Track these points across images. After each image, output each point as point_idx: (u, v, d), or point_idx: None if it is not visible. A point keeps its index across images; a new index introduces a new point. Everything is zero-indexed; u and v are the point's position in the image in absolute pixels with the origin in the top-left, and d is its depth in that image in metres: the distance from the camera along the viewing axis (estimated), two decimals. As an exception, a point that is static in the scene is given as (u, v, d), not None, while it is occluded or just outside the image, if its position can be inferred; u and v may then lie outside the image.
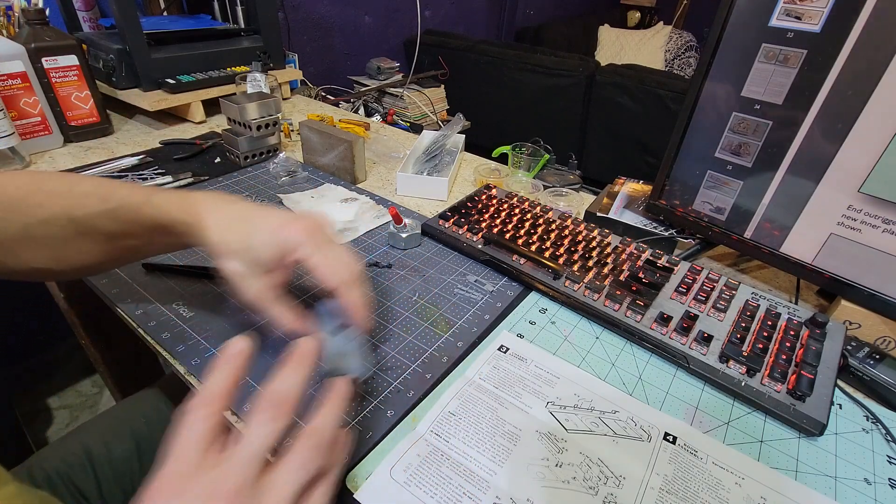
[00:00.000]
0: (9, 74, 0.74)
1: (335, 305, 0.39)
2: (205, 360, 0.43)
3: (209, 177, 0.76)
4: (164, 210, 0.41)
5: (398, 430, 0.38)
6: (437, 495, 0.34)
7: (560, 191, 0.74)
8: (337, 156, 0.78)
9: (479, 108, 2.15)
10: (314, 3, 1.78)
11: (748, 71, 0.49)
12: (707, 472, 0.37)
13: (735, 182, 0.54)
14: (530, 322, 0.51)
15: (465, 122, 1.83)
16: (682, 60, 3.09)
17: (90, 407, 1.32)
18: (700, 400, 0.43)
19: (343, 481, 0.34)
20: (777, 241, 0.53)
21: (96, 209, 0.40)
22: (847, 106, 0.44)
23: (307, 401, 0.35)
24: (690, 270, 0.55)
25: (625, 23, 3.66)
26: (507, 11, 2.74)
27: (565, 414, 0.41)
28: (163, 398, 0.64)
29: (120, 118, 0.98)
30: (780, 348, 0.45)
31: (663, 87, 1.70)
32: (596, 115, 1.94)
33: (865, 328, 0.50)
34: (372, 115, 1.77)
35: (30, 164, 0.76)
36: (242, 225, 0.39)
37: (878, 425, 0.42)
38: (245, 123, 0.78)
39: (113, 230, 0.41)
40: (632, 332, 0.48)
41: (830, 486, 0.37)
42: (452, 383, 0.43)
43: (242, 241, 0.39)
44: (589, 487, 0.35)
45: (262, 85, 0.91)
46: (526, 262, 0.56)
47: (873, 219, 0.46)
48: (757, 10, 0.47)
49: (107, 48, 0.90)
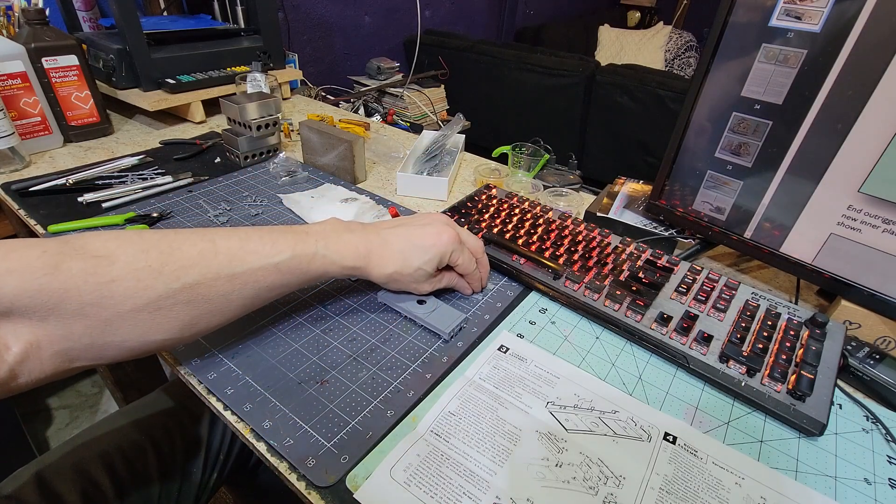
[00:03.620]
0: (9, 74, 0.74)
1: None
2: (205, 360, 0.43)
3: (209, 177, 0.76)
4: (336, 262, 0.41)
5: (398, 430, 0.38)
6: (437, 495, 0.34)
7: (560, 191, 0.74)
8: (337, 156, 0.78)
9: (479, 108, 2.15)
10: (314, 3, 1.78)
11: (748, 71, 0.49)
12: (707, 472, 0.37)
13: (735, 182, 0.54)
14: (530, 322, 0.51)
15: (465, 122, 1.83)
16: (682, 60, 3.09)
17: (90, 407, 1.32)
18: (700, 400, 0.43)
19: (343, 481, 0.34)
20: (777, 241, 0.53)
21: (268, 282, 0.38)
22: (847, 106, 0.44)
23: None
24: (690, 270, 0.55)
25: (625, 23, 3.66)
26: (507, 11, 2.74)
27: (565, 414, 0.41)
28: (170, 401, 0.64)
29: (120, 118, 0.98)
30: (780, 348, 0.45)
31: (663, 87, 1.70)
32: (596, 115, 1.94)
33: (865, 328, 0.50)
34: (372, 115, 1.77)
35: (30, 163, 0.76)
36: (400, 256, 0.44)
37: (878, 425, 0.42)
38: (245, 123, 0.78)
39: (269, 296, 0.40)
40: (632, 332, 0.48)
41: (830, 486, 0.37)
42: (452, 383, 0.43)
43: (406, 268, 0.44)
44: (589, 487, 0.35)
45: (262, 85, 0.91)
46: (526, 262, 0.56)
47: (873, 219, 0.46)
48: (757, 10, 0.47)
49: (107, 48, 0.90)
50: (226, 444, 0.65)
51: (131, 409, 0.62)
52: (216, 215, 0.66)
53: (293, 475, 0.35)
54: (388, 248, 0.43)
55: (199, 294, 0.35)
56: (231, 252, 0.37)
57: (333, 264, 0.41)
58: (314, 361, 0.44)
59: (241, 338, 0.46)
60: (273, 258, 0.38)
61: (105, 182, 0.71)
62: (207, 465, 0.62)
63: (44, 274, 0.29)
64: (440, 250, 0.45)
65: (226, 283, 0.36)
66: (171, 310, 0.34)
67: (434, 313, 0.48)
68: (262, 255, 0.38)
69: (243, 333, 0.46)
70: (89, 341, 0.32)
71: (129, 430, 0.58)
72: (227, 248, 0.36)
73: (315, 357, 0.44)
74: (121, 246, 0.33)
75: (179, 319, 0.34)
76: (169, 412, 0.62)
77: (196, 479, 0.61)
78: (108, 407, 1.32)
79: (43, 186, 0.68)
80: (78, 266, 0.30)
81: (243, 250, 0.37)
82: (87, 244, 0.32)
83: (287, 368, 0.43)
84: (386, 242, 0.44)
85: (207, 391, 0.41)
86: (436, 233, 0.45)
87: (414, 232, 0.45)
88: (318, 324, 0.48)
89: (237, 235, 0.38)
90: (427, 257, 0.44)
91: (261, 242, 0.38)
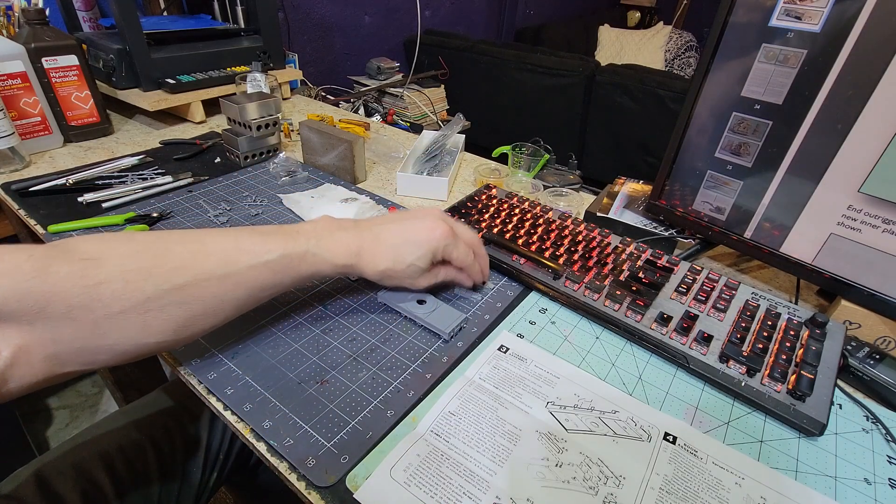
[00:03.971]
0: (9, 74, 0.74)
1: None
2: (205, 360, 0.43)
3: (209, 177, 0.76)
4: (328, 260, 0.41)
5: (398, 430, 0.38)
6: (437, 495, 0.34)
7: (560, 191, 0.74)
8: (337, 156, 0.78)
9: (479, 108, 2.15)
10: (314, 3, 1.78)
11: (748, 71, 0.49)
12: (707, 472, 0.37)
13: (735, 182, 0.54)
14: (530, 322, 0.51)
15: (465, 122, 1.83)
16: (682, 60, 3.09)
17: (90, 407, 1.32)
18: (700, 400, 0.43)
19: (343, 481, 0.34)
20: (777, 241, 0.53)
21: (260, 282, 0.38)
22: (847, 106, 0.44)
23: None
24: (690, 270, 0.55)
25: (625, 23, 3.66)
26: (507, 11, 2.74)
27: (565, 414, 0.41)
28: (171, 401, 0.64)
29: (120, 118, 0.98)
30: (780, 348, 0.45)
31: (663, 87, 1.70)
32: (596, 115, 1.94)
33: (865, 328, 0.50)
34: (372, 115, 1.77)
35: (30, 163, 0.76)
36: (393, 252, 0.43)
37: (878, 425, 0.42)
38: (245, 123, 0.78)
39: (262, 295, 0.39)
40: (632, 332, 0.48)
41: (830, 486, 0.37)
42: (452, 383, 0.43)
43: (398, 264, 0.43)
44: (589, 487, 0.35)
45: (262, 85, 0.91)
46: (526, 261, 0.56)
47: (873, 219, 0.46)
48: (757, 10, 0.47)
49: (107, 48, 0.90)
50: (226, 444, 0.65)
51: (131, 409, 0.62)
52: (216, 215, 0.66)
53: (293, 475, 0.35)
54: (380, 244, 0.43)
55: (190, 295, 0.35)
56: (222, 253, 0.36)
57: (325, 262, 0.41)
58: (314, 361, 0.44)
59: (241, 338, 0.46)
60: (263, 257, 0.38)
61: (105, 182, 0.71)
62: (207, 464, 0.63)
63: (32, 277, 0.29)
64: (433, 245, 0.44)
65: (217, 283, 0.36)
66: (163, 311, 0.33)
67: (434, 313, 0.48)
68: (252, 255, 0.37)
69: (243, 333, 0.46)
70: (80, 345, 0.32)
71: (130, 430, 0.58)
72: (218, 249, 0.36)
73: (315, 357, 0.44)
74: (109, 249, 0.33)
75: (172, 321, 0.34)
76: (169, 412, 0.62)
77: (196, 479, 0.61)
78: (107, 407, 1.32)
79: (43, 186, 0.68)
80: (65, 269, 0.30)
81: (234, 251, 0.37)
82: (75, 247, 0.32)
83: (287, 368, 0.43)
84: (378, 239, 0.43)
85: (207, 391, 0.41)
86: (428, 227, 0.44)
87: (406, 227, 0.44)
88: (318, 324, 0.48)
89: (228, 236, 0.38)
90: (420, 252, 0.44)
91: (251, 242, 0.38)
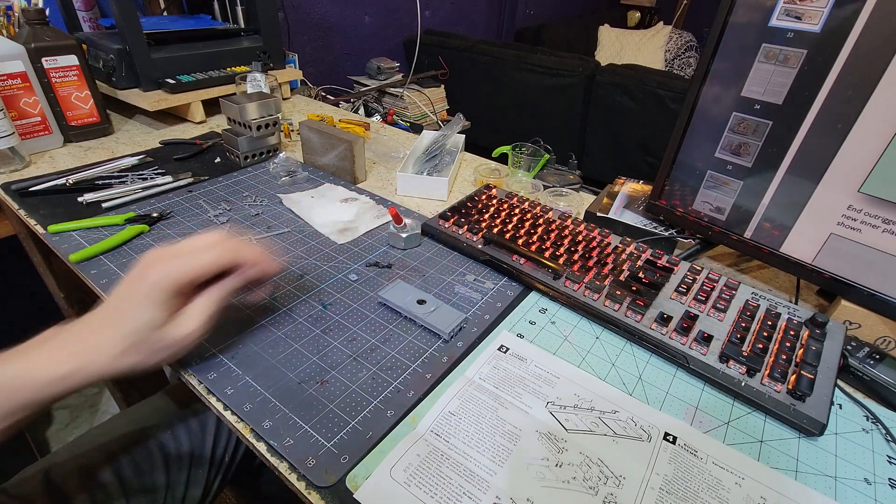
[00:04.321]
0: (9, 74, 0.74)
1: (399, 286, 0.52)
2: (205, 360, 0.43)
3: (209, 177, 0.76)
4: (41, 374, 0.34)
5: (398, 430, 0.38)
6: (437, 495, 0.34)
7: (560, 191, 0.74)
8: (337, 156, 0.78)
9: (479, 108, 2.15)
10: (314, 3, 1.78)
11: (748, 71, 0.49)
12: (707, 472, 0.37)
13: (735, 182, 0.54)
14: (530, 322, 0.51)
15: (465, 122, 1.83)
16: (682, 60, 3.09)
17: (90, 407, 1.32)
18: (700, 400, 0.43)
19: (343, 481, 0.34)
20: (777, 241, 0.53)
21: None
22: (847, 106, 0.44)
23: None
24: (690, 270, 0.55)
25: (625, 23, 3.66)
26: (507, 11, 2.74)
27: (565, 414, 0.41)
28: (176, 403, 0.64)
29: (120, 118, 0.98)
30: (780, 348, 0.45)
31: (663, 87, 1.70)
32: (596, 115, 1.94)
33: (865, 328, 0.50)
34: (372, 115, 1.77)
35: (30, 163, 0.76)
36: (115, 315, 0.37)
37: (878, 425, 0.42)
38: (245, 123, 0.78)
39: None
40: (632, 332, 0.48)
41: (830, 486, 0.37)
42: (452, 383, 0.43)
43: (124, 330, 0.36)
44: (589, 487, 0.35)
45: (262, 85, 0.91)
46: (526, 262, 0.56)
47: (873, 219, 0.46)
48: (757, 10, 0.47)
49: (107, 48, 0.90)
50: (231, 447, 0.65)
51: (137, 411, 0.63)
52: (216, 215, 0.66)
53: (293, 475, 0.35)
54: (94, 318, 0.37)
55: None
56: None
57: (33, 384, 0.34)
58: (314, 361, 0.44)
59: (241, 338, 0.46)
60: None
61: (105, 182, 0.71)
62: (212, 467, 0.63)
63: None
64: (163, 288, 0.36)
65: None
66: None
67: (434, 313, 0.48)
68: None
69: (243, 333, 0.46)
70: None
71: (136, 433, 0.58)
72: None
73: (315, 357, 0.44)
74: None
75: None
76: (175, 414, 0.62)
77: (201, 482, 0.61)
78: (107, 407, 1.32)
79: (43, 186, 0.68)
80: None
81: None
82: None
83: (287, 368, 0.43)
84: (88, 318, 0.37)
85: (207, 391, 0.41)
86: (140, 275, 0.37)
87: (119, 291, 0.38)
88: (318, 324, 0.48)
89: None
90: (152, 297, 0.36)
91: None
